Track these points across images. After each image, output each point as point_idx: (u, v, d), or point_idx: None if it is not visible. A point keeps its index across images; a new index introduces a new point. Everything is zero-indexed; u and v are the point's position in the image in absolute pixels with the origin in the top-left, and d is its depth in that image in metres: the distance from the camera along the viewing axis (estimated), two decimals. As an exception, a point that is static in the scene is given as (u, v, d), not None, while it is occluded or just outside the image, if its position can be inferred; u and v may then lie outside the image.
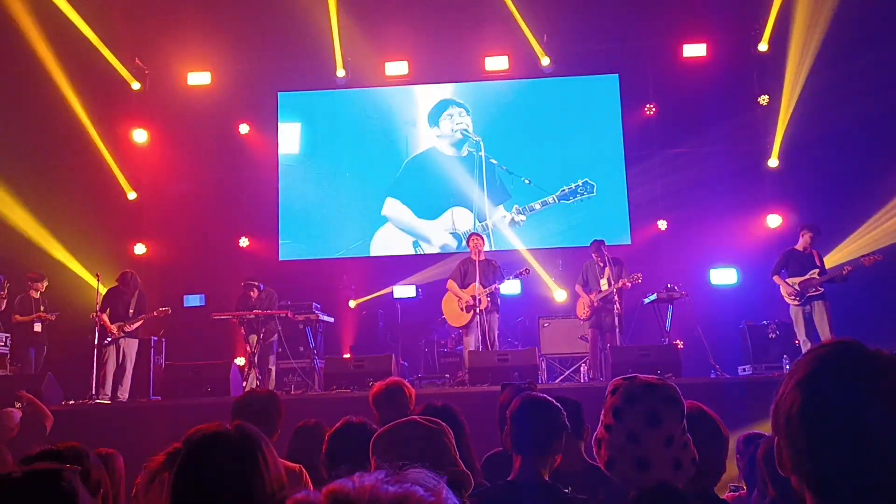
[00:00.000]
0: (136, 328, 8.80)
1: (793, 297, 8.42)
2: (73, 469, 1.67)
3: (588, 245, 9.07)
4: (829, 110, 10.11)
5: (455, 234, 11.52)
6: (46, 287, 9.46)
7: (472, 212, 11.46)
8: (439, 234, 11.57)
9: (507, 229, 11.40)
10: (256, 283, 9.29)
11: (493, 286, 8.46)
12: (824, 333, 8.16)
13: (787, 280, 8.48)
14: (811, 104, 10.39)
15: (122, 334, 8.64)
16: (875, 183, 9.96)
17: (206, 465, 1.64)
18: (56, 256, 10.50)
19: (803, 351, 8.31)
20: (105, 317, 8.60)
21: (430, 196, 11.62)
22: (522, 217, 11.38)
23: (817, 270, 8.33)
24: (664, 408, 1.85)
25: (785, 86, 10.70)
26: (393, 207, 11.63)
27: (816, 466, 1.10)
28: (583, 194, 11.23)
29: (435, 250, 11.44)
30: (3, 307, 9.13)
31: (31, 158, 10.80)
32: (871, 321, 8.80)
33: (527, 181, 11.40)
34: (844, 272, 8.12)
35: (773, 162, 10.93)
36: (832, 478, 1.09)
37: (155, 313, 8.87)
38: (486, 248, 9.13)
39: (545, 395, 2.90)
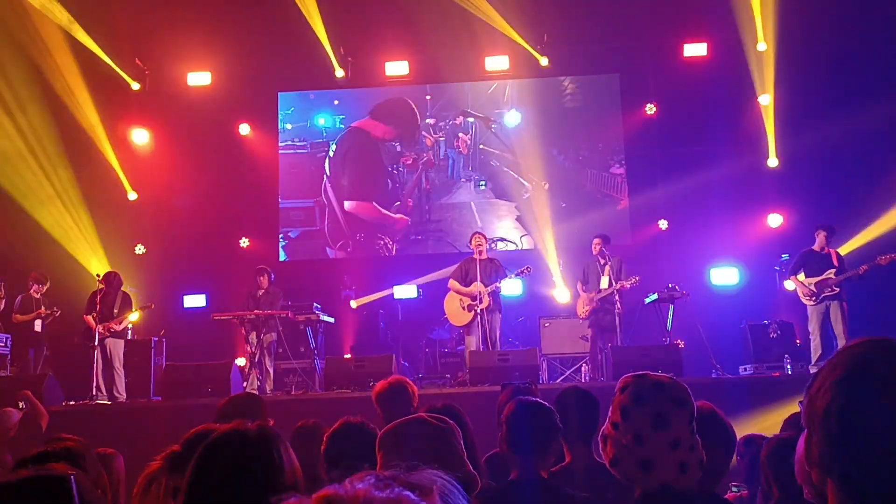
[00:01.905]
0: (122, 328, 8.81)
1: (808, 297, 8.48)
2: (70, 474, 1.67)
3: (588, 245, 9.09)
4: (826, 108, 10.10)
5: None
6: (48, 288, 9.46)
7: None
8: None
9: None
10: (268, 270, 9.33)
11: (495, 285, 8.45)
12: (839, 334, 8.20)
13: (802, 280, 8.52)
14: (808, 102, 10.37)
15: (108, 334, 8.64)
16: (875, 179, 9.95)
17: (226, 463, 1.65)
18: (56, 257, 10.48)
19: (811, 348, 8.34)
20: (90, 318, 8.61)
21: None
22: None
23: (833, 270, 8.35)
24: (672, 409, 1.82)
25: (774, 84, 10.72)
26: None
27: (847, 465, 1.10)
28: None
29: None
30: (3, 307, 9.14)
31: (32, 159, 10.79)
32: (886, 319, 8.80)
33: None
34: (861, 271, 8.17)
35: (772, 161, 10.92)
36: (862, 478, 1.09)
37: (139, 310, 8.88)
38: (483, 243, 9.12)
39: (537, 399, 2.90)
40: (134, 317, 9.19)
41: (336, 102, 12.27)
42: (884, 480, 1.08)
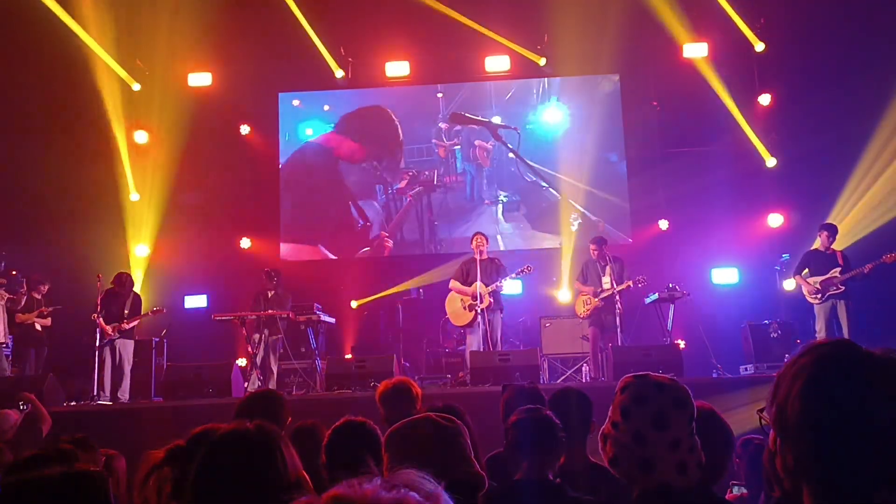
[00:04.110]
0: (132, 328, 8.83)
1: (814, 296, 8.49)
2: (104, 473, 1.70)
3: (588, 245, 9.08)
4: (826, 106, 10.09)
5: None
6: (49, 289, 9.48)
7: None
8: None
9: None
10: (275, 274, 9.36)
11: (495, 284, 8.45)
12: (844, 333, 8.20)
13: (807, 279, 8.54)
14: (808, 101, 10.37)
15: (118, 335, 8.65)
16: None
17: (228, 462, 1.68)
18: (58, 257, 10.49)
19: None
20: (101, 318, 8.62)
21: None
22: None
23: (839, 269, 8.37)
24: (672, 410, 1.83)
25: (774, 84, 10.70)
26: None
27: (825, 469, 1.10)
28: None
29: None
30: (23, 304, 9.17)
31: (33, 159, 10.80)
32: (890, 318, 8.80)
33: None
34: (866, 270, 8.18)
35: (770, 161, 10.93)
36: (841, 480, 1.09)
37: (150, 313, 8.91)
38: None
39: (538, 408, 2.92)
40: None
41: (326, 108, 11.44)
42: (863, 483, 1.08)
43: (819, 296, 8.44)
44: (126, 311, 8.77)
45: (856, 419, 1.09)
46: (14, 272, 9.38)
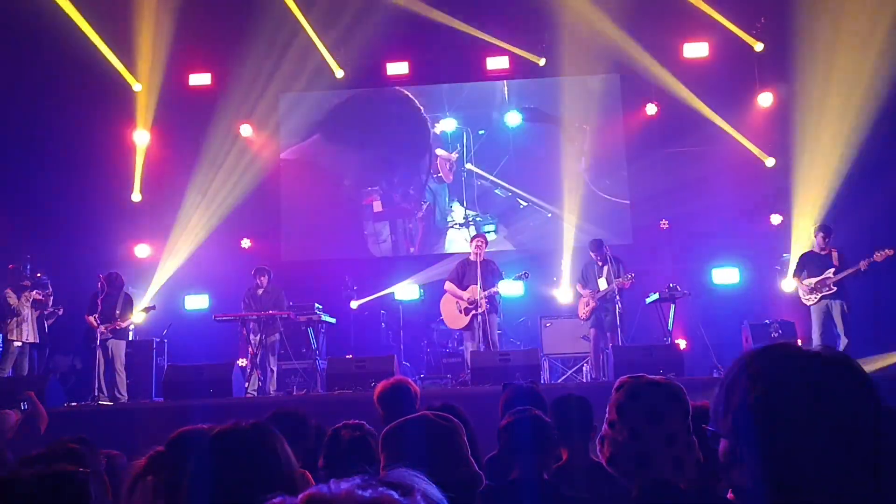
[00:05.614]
0: (125, 328, 8.83)
1: (808, 296, 8.49)
2: (84, 471, 1.70)
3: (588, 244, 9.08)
4: (825, 105, 10.09)
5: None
6: (50, 290, 9.49)
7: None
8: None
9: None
10: (268, 269, 9.33)
11: (492, 289, 8.43)
12: (840, 332, 8.23)
13: (804, 281, 8.54)
14: (808, 100, 10.37)
15: (111, 335, 8.66)
16: (875, 175, 9.94)
17: (224, 460, 1.69)
18: (59, 257, 10.48)
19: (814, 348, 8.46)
20: (92, 319, 8.63)
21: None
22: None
23: (833, 269, 8.38)
24: (666, 405, 1.86)
25: (774, 84, 10.68)
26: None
27: (795, 469, 1.10)
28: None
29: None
30: (50, 307, 9.17)
31: (34, 160, 10.81)
32: (885, 316, 8.80)
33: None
34: (862, 267, 8.17)
35: (770, 161, 10.92)
36: (812, 477, 1.09)
37: (142, 311, 8.91)
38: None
39: (529, 408, 2.92)
40: (138, 318, 9.19)
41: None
42: (831, 477, 1.08)
43: (813, 297, 8.45)
44: (117, 311, 8.77)
45: (822, 417, 1.09)
46: (39, 274, 9.38)
